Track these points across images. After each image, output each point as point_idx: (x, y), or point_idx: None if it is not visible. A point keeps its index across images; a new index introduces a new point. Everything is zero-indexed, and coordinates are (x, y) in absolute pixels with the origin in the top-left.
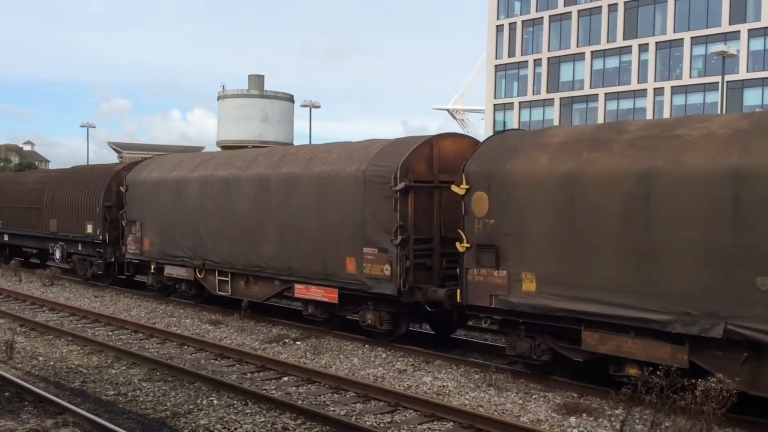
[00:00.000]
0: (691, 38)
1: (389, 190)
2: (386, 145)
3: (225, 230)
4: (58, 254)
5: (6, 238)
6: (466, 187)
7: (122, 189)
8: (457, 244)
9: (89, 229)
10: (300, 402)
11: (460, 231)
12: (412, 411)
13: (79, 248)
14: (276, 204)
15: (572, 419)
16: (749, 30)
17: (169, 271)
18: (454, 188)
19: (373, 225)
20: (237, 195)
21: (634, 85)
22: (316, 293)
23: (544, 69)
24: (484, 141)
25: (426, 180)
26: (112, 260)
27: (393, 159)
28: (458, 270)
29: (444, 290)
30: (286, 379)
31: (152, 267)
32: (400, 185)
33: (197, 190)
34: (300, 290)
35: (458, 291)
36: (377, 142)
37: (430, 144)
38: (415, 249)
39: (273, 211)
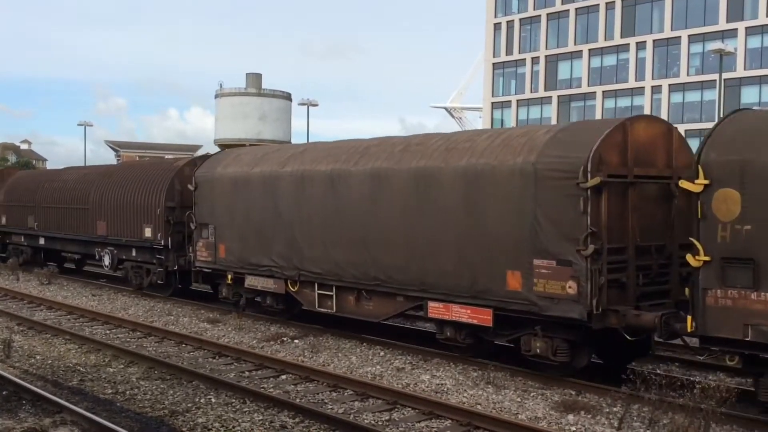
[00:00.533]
0: (689, 36)
1: (575, 188)
2: (559, 132)
3: (330, 235)
4: (107, 260)
5: (42, 241)
6: (705, 182)
7: (190, 187)
8: (689, 257)
9: (147, 232)
10: (298, 400)
11: (693, 240)
12: (410, 409)
13: (133, 254)
14: (402, 204)
15: (570, 417)
16: (747, 28)
17: (252, 282)
18: (684, 184)
19: (550, 231)
20: (346, 193)
21: (632, 83)
22: (460, 314)
23: (541, 67)
24: (721, 123)
25: (620, 174)
26: (175, 268)
27: (578, 148)
28: (688, 290)
29: (654, 315)
30: (284, 377)
31: (229, 277)
32: (593, 181)
33: (292, 187)
34: (436, 309)
35: (689, 318)
36: (541, 127)
37: (623, 129)
38: (608, 261)
39: (397, 213)
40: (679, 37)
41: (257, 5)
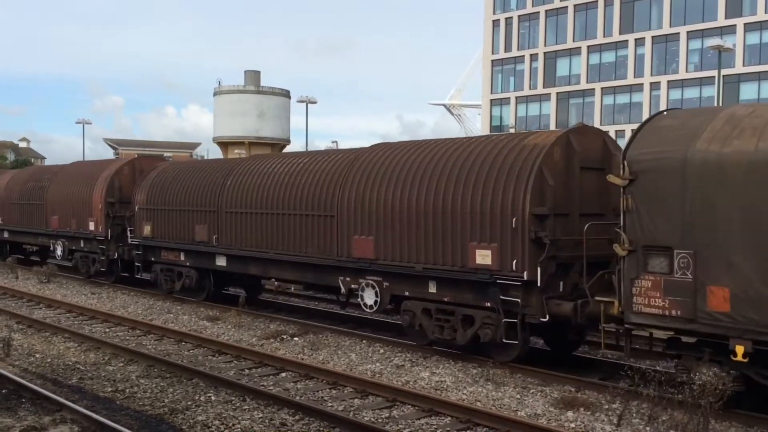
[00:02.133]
0: (688, 32)
1: None
2: None
3: None
4: (369, 297)
5: (222, 262)
6: None
7: (617, 182)
8: None
9: (482, 257)
10: (298, 398)
11: None
12: (410, 406)
13: (432, 290)
14: None
15: (570, 413)
16: (745, 24)
17: None
18: None
19: None
20: None
21: (631, 80)
22: None
23: (540, 64)
24: None
25: None
26: (543, 319)
27: None
28: None
29: None
30: (284, 375)
31: (740, 351)
32: None
33: None
34: None
35: None
36: None
37: None
38: None
39: None
40: (678, 33)
41: (256, 2)
